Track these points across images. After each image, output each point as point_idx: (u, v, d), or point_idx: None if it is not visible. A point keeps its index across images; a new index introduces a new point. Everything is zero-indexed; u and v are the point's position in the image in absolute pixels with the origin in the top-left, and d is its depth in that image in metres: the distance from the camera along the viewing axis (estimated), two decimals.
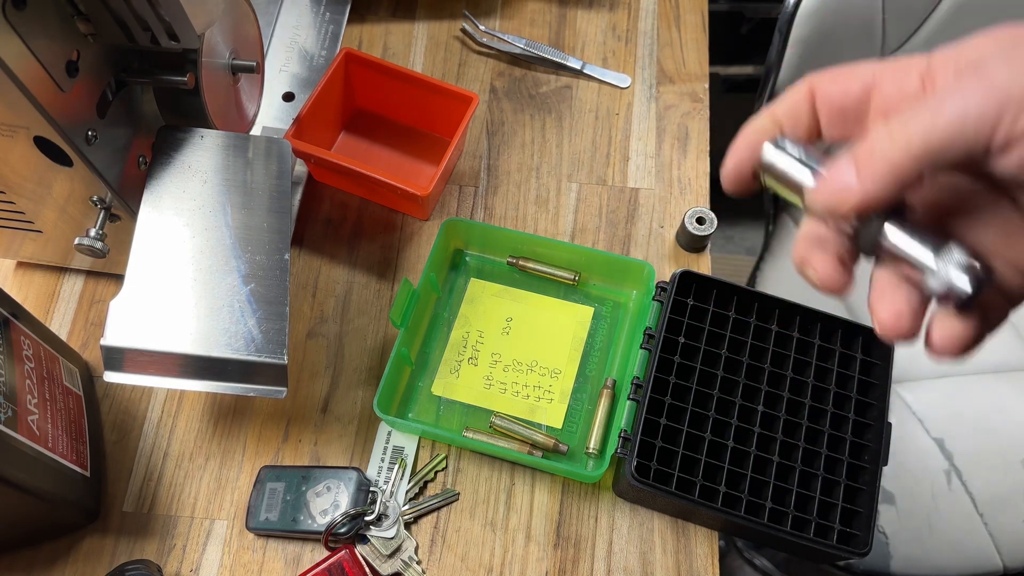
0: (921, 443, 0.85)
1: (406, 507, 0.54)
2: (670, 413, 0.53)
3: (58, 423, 0.50)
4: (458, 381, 0.59)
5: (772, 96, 0.82)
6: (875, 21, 0.78)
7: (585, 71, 0.71)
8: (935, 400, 0.87)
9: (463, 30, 0.73)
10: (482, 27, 0.73)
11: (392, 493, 0.54)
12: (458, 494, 0.55)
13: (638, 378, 0.54)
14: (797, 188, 0.27)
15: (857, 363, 0.55)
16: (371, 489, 0.54)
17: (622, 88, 0.71)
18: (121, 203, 0.51)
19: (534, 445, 0.55)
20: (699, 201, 0.66)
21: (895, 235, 0.26)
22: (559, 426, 0.57)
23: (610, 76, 0.71)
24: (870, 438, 0.53)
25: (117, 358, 0.46)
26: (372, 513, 0.53)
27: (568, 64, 0.71)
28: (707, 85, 0.71)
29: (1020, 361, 0.90)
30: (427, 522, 0.54)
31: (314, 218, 0.65)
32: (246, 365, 0.46)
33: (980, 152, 0.23)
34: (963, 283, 0.24)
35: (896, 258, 0.26)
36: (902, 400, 0.87)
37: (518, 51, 0.71)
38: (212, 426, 0.57)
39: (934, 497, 0.82)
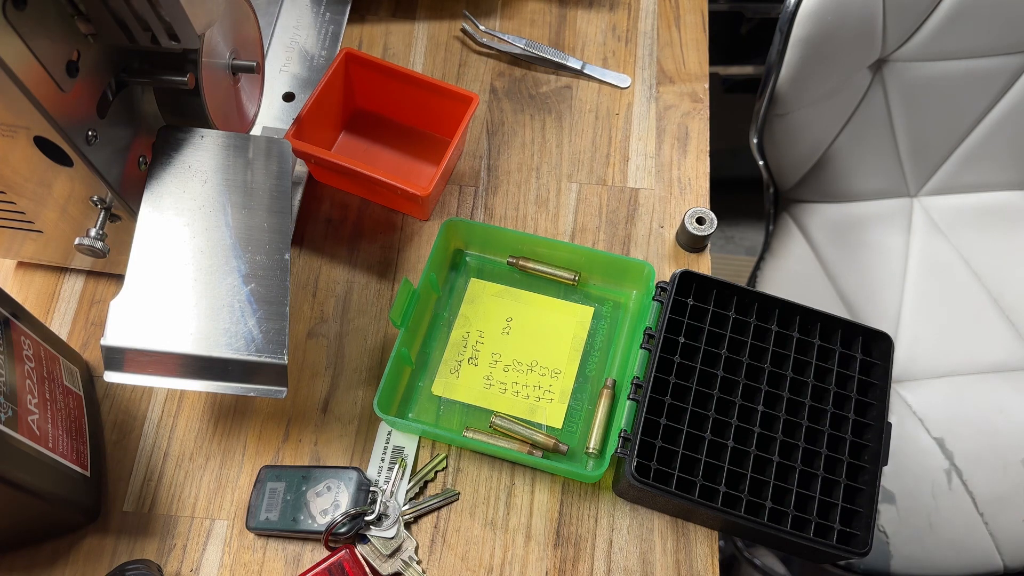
0: (921, 443, 0.85)
1: (406, 507, 0.54)
2: (670, 413, 0.53)
3: (58, 423, 0.50)
4: (458, 381, 0.59)
5: (772, 96, 0.82)
6: (875, 20, 0.78)
7: (585, 71, 0.71)
8: (935, 400, 0.87)
9: (463, 30, 0.73)
10: (482, 27, 0.73)
11: (392, 493, 0.54)
12: (458, 494, 0.55)
13: (638, 378, 0.54)
14: None
15: (857, 363, 0.55)
16: (371, 489, 0.54)
17: (622, 88, 0.71)
18: (121, 203, 0.51)
19: (534, 445, 0.55)
20: (699, 201, 0.66)
21: None
22: (559, 426, 0.57)
23: (610, 76, 0.71)
24: (870, 438, 0.53)
25: (117, 358, 0.46)
26: (372, 513, 0.53)
27: (568, 64, 0.71)
28: (707, 85, 0.71)
29: (1020, 361, 0.90)
30: (427, 522, 0.54)
31: (314, 218, 0.65)
32: (246, 365, 0.46)
33: None
34: None
35: None
36: (902, 400, 0.87)
37: (518, 51, 0.71)
38: (212, 426, 0.58)
39: (934, 497, 0.82)
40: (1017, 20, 0.82)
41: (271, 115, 0.67)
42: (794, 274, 0.97)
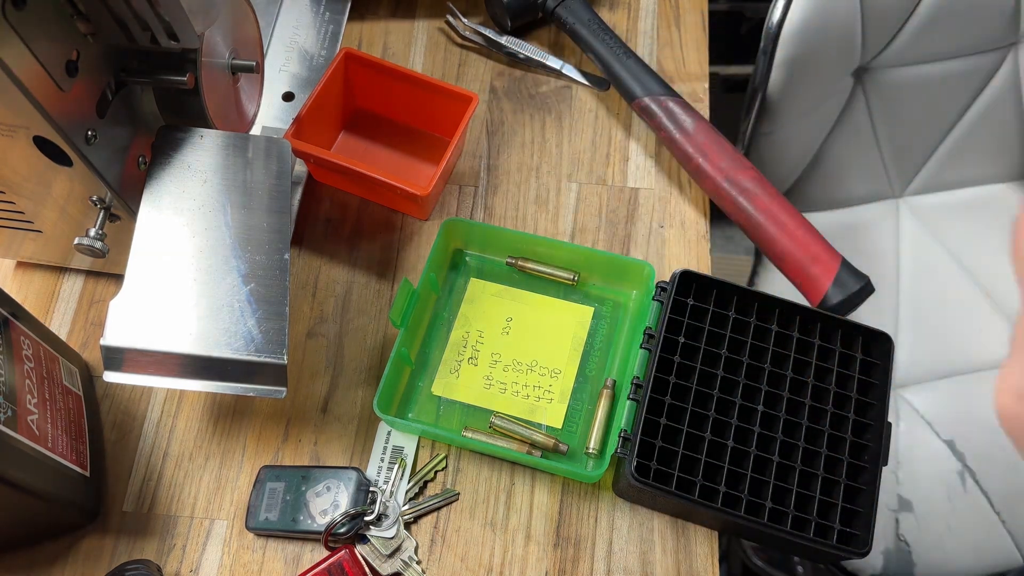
0: (932, 447, 0.84)
1: (406, 507, 0.54)
2: (670, 413, 0.53)
3: (58, 423, 0.50)
4: (458, 381, 0.58)
5: (760, 115, 0.82)
6: (855, 31, 0.78)
7: (564, 71, 0.70)
8: (942, 401, 0.87)
9: (447, 22, 0.73)
10: (464, 20, 0.72)
11: (392, 493, 0.54)
12: (458, 494, 0.55)
13: (638, 378, 0.54)
14: None
15: (857, 363, 0.55)
16: (371, 489, 0.54)
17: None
18: (121, 203, 0.51)
19: (534, 445, 0.55)
20: (699, 201, 0.66)
21: None
22: (559, 426, 0.57)
23: (588, 80, 0.71)
24: (870, 438, 0.53)
25: (117, 358, 0.46)
26: (372, 513, 0.53)
27: (547, 64, 0.71)
28: (707, 85, 0.71)
29: None
30: (427, 522, 0.54)
31: (314, 218, 0.65)
32: (246, 365, 0.46)
33: None
34: None
35: None
36: (908, 404, 0.87)
37: (500, 47, 0.71)
38: (212, 426, 0.57)
39: (951, 500, 0.82)
40: (990, 19, 0.83)
41: (271, 115, 0.67)
42: None
